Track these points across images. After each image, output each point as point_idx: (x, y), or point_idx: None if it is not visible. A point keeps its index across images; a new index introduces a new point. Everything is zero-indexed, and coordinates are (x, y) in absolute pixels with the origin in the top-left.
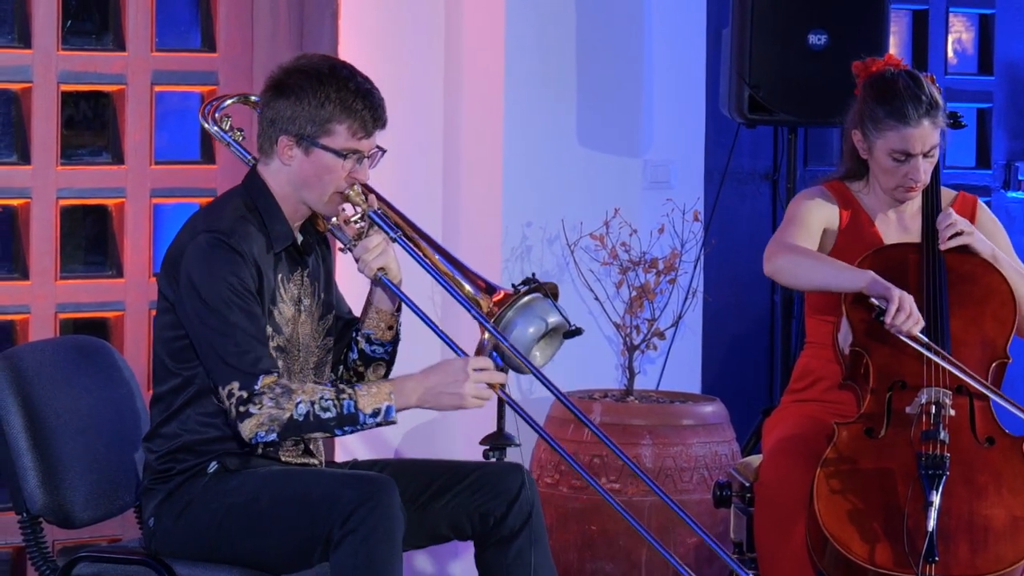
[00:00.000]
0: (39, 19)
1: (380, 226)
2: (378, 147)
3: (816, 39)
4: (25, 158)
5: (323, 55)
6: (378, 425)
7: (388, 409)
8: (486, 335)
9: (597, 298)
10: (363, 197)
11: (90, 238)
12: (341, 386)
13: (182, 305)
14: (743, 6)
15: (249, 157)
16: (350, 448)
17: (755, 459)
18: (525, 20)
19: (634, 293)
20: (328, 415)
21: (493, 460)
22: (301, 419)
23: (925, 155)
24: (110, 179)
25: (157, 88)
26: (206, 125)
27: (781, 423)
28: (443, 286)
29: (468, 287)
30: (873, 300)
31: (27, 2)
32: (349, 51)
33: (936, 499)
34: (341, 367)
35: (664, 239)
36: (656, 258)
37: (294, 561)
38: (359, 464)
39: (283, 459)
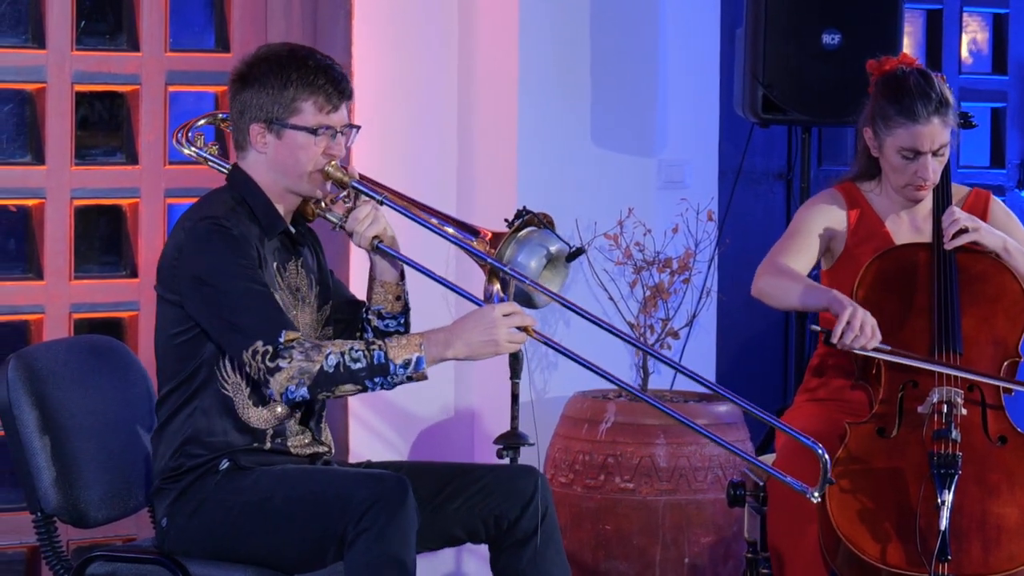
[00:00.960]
0: (53, 19)
1: (365, 193)
2: (351, 124)
3: (830, 39)
4: (39, 158)
5: (283, 43)
6: (409, 379)
7: (419, 360)
8: (488, 280)
9: (611, 298)
10: (343, 171)
11: (104, 238)
12: (370, 339)
13: (189, 297)
14: (757, 6)
15: (228, 167)
16: (361, 451)
17: (768, 458)
18: (539, 20)
19: (648, 293)
20: (359, 365)
21: (507, 460)
22: (331, 370)
23: (935, 153)
24: (124, 179)
25: (171, 88)
26: (182, 150)
27: (794, 422)
28: (440, 235)
29: (460, 234)
30: (813, 327)
31: (41, 2)
32: (363, 51)
33: (948, 498)
34: None
35: (678, 239)
36: (670, 258)
37: (308, 560)
38: (372, 465)
39: (292, 449)
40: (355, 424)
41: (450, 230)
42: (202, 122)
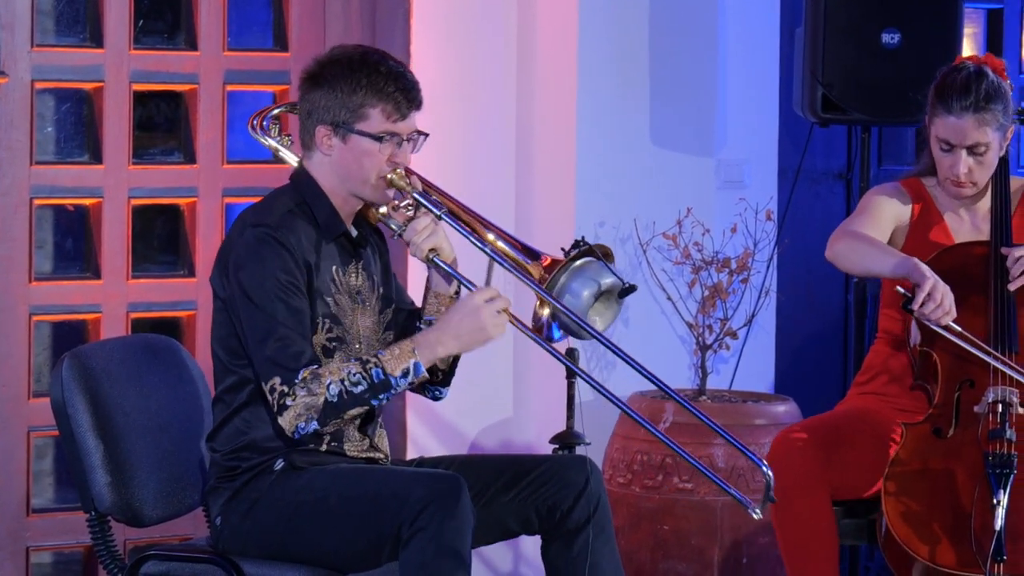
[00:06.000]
0: (111, 19)
1: (425, 206)
2: (418, 131)
3: (889, 38)
4: (97, 158)
5: (357, 44)
6: (411, 385)
7: (416, 366)
8: (538, 304)
9: (670, 298)
10: (406, 180)
11: (162, 237)
12: (363, 357)
13: (232, 301)
14: (816, 5)
15: (298, 161)
16: (419, 450)
17: None
18: (598, 19)
19: (707, 292)
20: (360, 388)
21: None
22: (335, 399)
23: (972, 151)
24: (182, 179)
25: (229, 88)
26: (255, 136)
27: (843, 411)
28: (493, 258)
29: (518, 257)
30: (899, 288)
31: (99, 2)
32: (421, 50)
33: (1004, 498)
34: None
35: (737, 238)
36: (729, 257)
37: (363, 559)
38: (425, 461)
39: (349, 453)
40: (414, 421)
41: (505, 248)
42: (277, 111)
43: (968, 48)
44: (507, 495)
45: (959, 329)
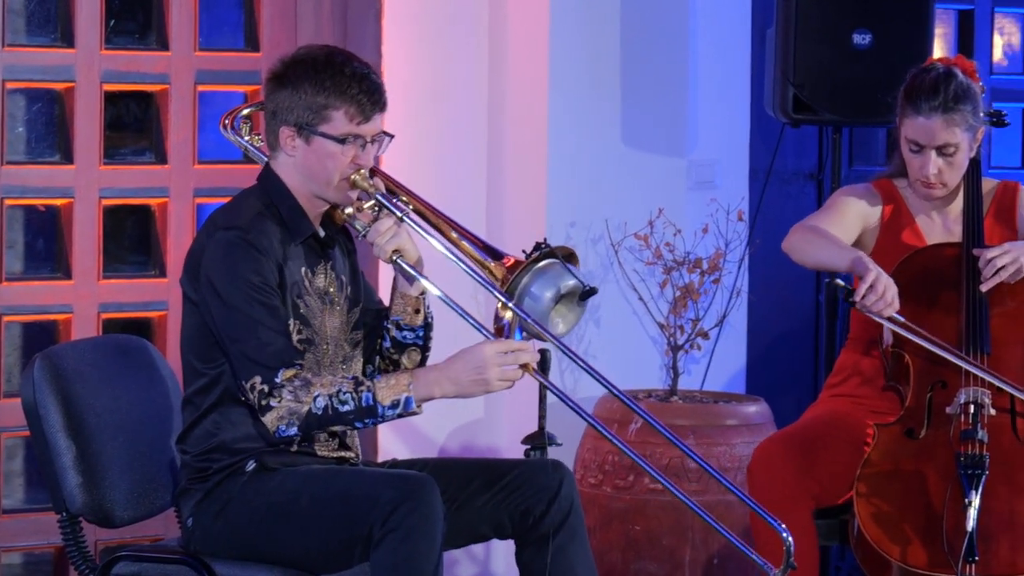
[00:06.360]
0: (82, 19)
1: (388, 208)
2: (384, 132)
3: (861, 39)
4: (68, 158)
5: (323, 45)
6: (399, 416)
7: (407, 400)
8: (501, 306)
9: (641, 298)
10: (369, 182)
11: (133, 238)
12: (360, 378)
13: (205, 304)
14: (787, 6)
15: (265, 161)
16: (391, 451)
17: None
18: (569, 19)
19: (678, 293)
20: (346, 408)
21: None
22: (320, 412)
23: (941, 152)
24: (153, 179)
25: (200, 88)
26: (226, 135)
27: (816, 415)
28: (455, 260)
29: (481, 257)
30: (838, 281)
31: (71, 2)
32: (392, 51)
33: (975, 499)
34: (377, 357)
35: (708, 239)
36: (700, 258)
37: (334, 560)
38: (398, 463)
39: (319, 453)
40: (385, 424)
41: (469, 248)
42: (247, 110)
43: (939, 49)
44: (480, 499)
45: (903, 320)
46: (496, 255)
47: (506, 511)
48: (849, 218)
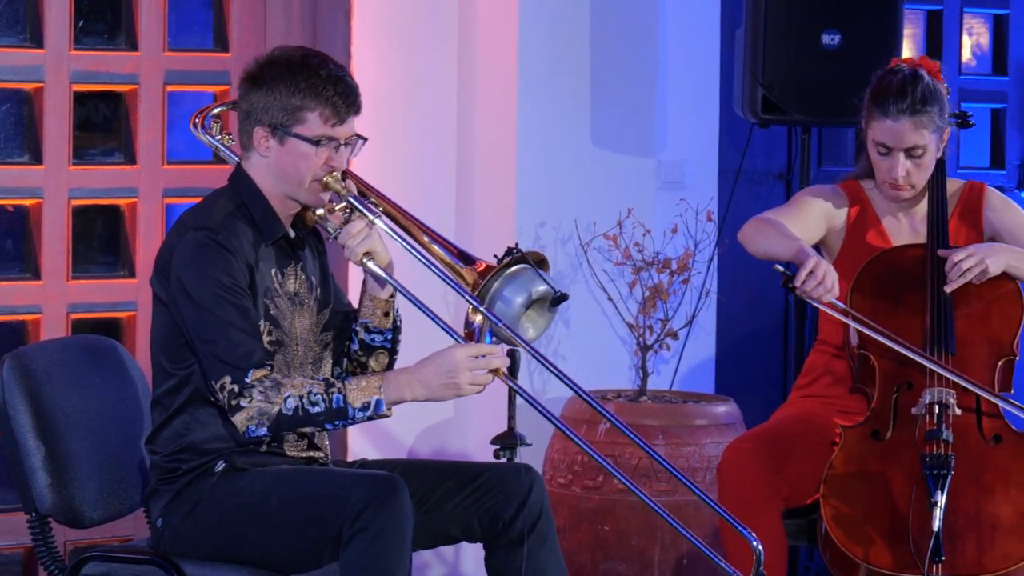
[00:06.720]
0: (51, 19)
1: (360, 210)
2: (357, 135)
3: (830, 39)
4: (37, 158)
5: (298, 46)
6: (369, 419)
7: (378, 403)
8: (471, 310)
9: (610, 298)
10: (341, 184)
11: (102, 238)
12: (331, 380)
13: (175, 304)
14: (757, 6)
15: (237, 159)
16: (360, 450)
17: None
18: (539, 20)
19: (647, 293)
20: (317, 409)
21: (504, 460)
22: (290, 414)
23: (909, 154)
24: (122, 179)
25: (169, 88)
26: (197, 134)
27: (786, 416)
28: (426, 264)
29: (453, 261)
30: (777, 267)
31: (39, 2)
32: (362, 51)
33: (941, 499)
34: (345, 359)
35: (677, 239)
36: (669, 258)
37: (304, 560)
38: (368, 464)
39: (288, 453)
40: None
41: (440, 253)
42: (217, 109)
43: (908, 49)
44: (450, 502)
45: (843, 306)
46: (467, 260)
47: (475, 514)
48: (811, 217)
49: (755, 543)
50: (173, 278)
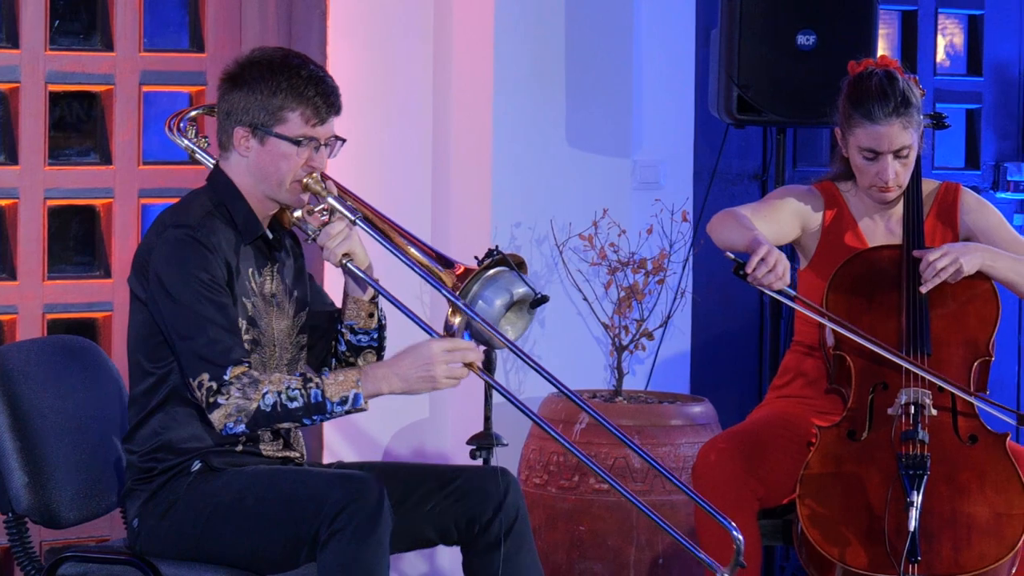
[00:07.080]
0: (27, 19)
1: (340, 211)
2: (336, 136)
3: (805, 39)
4: (13, 158)
5: (278, 47)
6: (347, 413)
7: (356, 397)
8: (451, 312)
9: (586, 298)
10: (322, 185)
11: (78, 238)
12: (308, 375)
13: (153, 302)
14: (732, 7)
15: (213, 163)
16: (336, 450)
17: None
18: (514, 20)
19: (623, 293)
20: (295, 404)
21: (480, 461)
22: (268, 409)
23: (896, 155)
24: (98, 179)
25: (145, 88)
26: (172, 138)
27: (762, 416)
28: (407, 264)
29: (431, 264)
30: (729, 254)
31: (14, 2)
32: (337, 51)
33: (917, 499)
34: (333, 360)
35: (653, 239)
36: (645, 258)
37: (280, 561)
38: (345, 466)
39: (264, 452)
40: (330, 423)
41: (419, 256)
42: (195, 112)
43: (883, 49)
44: (426, 505)
45: (794, 294)
46: (446, 263)
47: (452, 518)
48: (784, 214)
49: (735, 532)
50: (152, 275)
